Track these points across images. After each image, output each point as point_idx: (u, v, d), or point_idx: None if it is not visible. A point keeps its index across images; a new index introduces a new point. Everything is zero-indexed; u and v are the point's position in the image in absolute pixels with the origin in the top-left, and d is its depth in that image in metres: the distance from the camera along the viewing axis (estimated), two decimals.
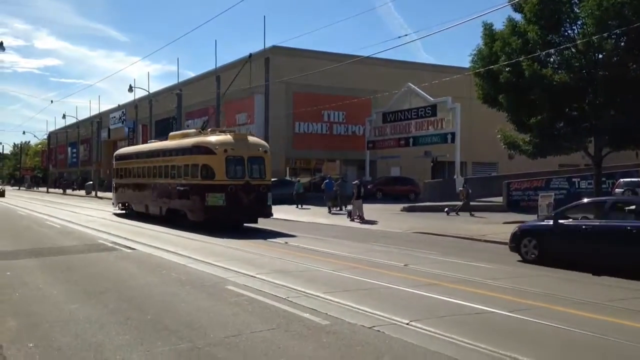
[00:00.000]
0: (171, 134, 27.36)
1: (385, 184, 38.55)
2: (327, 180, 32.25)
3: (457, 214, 26.25)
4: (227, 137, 21.11)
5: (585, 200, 14.56)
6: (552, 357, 6.12)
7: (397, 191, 37.76)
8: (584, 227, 12.07)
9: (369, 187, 34.75)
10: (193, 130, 25.74)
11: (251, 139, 21.89)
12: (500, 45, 19.04)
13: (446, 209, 27.07)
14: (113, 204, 30.80)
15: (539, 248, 12.67)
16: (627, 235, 11.08)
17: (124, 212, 28.73)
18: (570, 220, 12.67)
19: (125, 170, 29.14)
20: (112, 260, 12.99)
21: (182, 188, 21.78)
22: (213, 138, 21.30)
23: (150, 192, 25.02)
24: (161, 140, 29.86)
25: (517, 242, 13.32)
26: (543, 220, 14.26)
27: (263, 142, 23.09)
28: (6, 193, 58.55)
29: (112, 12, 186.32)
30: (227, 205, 19.79)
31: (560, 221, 12.56)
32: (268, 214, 21.11)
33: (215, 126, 31.47)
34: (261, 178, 20.74)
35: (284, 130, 41.00)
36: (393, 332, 6.77)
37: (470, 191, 27.23)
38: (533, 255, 12.75)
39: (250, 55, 34.83)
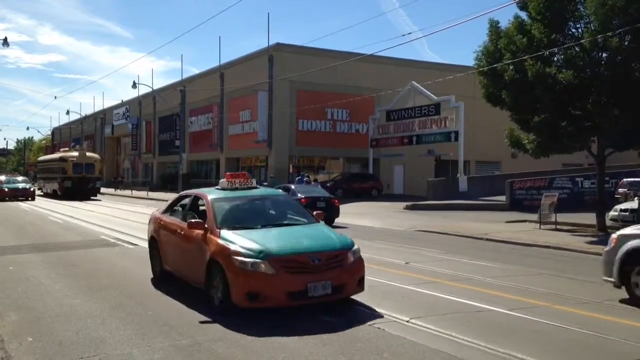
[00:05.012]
0: (61, 149, 54.54)
1: (345, 182, 37.56)
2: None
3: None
4: (75, 153, 45.62)
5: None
6: (552, 355, 6.12)
7: (359, 188, 36.35)
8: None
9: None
10: (67, 149, 54.21)
11: (88, 154, 46.64)
12: (504, 43, 18.93)
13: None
14: (39, 189, 50.40)
15: None
16: None
17: (42, 193, 47.51)
18: None
19: (41, 169, 52.95)
20: (114, 255, 13.05)
21: (57, 179, 43.65)
22: (68, 154, 45.72)
23: (48, 181, 47.76)
24: (59, 153, 49.88)
25: None
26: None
27: (96, 155, 48.73)
28: None
29: (117, 7, 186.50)
30: (73, 187, 40.92)
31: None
32: (96, 194, 42.85)
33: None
34: (92, 174, 43.29)
35: (288, 128, 40.94)
36: (393, 330, 6.78)
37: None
38: None
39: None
